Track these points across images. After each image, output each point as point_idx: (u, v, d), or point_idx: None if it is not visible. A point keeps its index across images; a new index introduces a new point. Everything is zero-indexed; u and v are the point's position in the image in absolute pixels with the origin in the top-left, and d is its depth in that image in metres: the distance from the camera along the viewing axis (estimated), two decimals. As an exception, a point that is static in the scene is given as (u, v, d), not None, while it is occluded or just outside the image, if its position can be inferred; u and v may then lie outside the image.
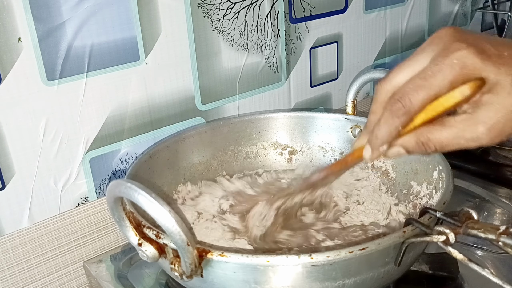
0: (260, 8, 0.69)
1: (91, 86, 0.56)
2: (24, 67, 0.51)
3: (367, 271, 0.41)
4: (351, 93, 0.67)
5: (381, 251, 0.39)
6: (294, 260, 0.37)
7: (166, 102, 0.63)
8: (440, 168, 0.53)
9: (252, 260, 0.38)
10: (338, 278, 0.39)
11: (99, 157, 0.59)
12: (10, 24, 0.49)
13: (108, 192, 0.38)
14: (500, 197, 0.69)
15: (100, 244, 0.62)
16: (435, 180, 0.54)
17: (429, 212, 0.41)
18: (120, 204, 0.40)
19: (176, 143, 0.62)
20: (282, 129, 0.69)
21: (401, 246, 0.39)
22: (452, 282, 0.52)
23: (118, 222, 0.41)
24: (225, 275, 0.40)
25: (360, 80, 0.66)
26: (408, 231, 0.39)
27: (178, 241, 0.36)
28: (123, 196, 0.37)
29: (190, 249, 0.37)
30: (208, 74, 0.67)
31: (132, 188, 0.35)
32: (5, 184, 0.53)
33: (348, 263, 0.39)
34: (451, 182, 0.49)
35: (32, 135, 0.53)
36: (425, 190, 0.56)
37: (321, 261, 0.37)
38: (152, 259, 0.41)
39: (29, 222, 0.56)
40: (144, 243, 0.41)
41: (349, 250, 0.37)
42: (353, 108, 0.68)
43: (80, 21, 0.53)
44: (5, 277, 0.55)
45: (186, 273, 0.38)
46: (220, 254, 0.38)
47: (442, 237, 0.36)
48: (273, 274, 0.39)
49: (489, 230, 0.34)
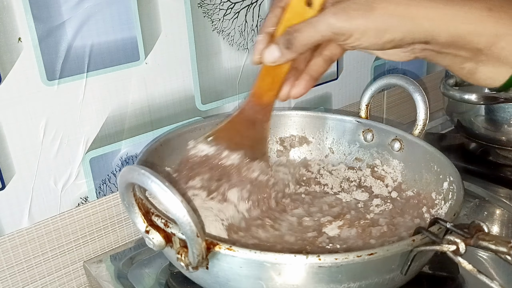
0: (260, 8, 0.69)
1: (91, 86, 0.56)
2: (24, 67, 0.51)
3: (373, 277, 0.41)
4: (366, 97, 0.67)
5: (389, 257, 0.39)
6: (301, 260, 0.38)
7: (166, 102, 0.63)
8: (451, 179, 0.52)
9: (259, 257, 0.38)
10: (343, 281, 0.40)
11: (99, 157, 0.59)
12: (10, 24, 0.49)
13: (121, 177, 0.38)
14: (500, 197, 0.69)
15: (100, 244, 0.62)
16: (445, 190, 0.53)
17: (439, 223, 0.41)
18: (131, 190, 0.39)
19: (188, 133, 0.61)
20: (293, 127, 0.69)
21: (410, 254, 0.40)
22: (452, 282, 0.52)
23: (127, 208, 0.41)
24: (231, 269, 0.40)
25: (376, 85, 0.67)
26: (417, 240, 0.39)
27: (187, 232, 0.36)
28: (136, 182, 0.36)
29: (199, 241, 0.37)
30: (208, 74, 0.67)
31: (146, 175, 0.35)
32: (5, 184, 0.53)
33: (355, 267, 0.39)
34: (462, 194, 0.49)
35: (32, 135, 0.53)
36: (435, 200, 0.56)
37: (328, 262, 0.38)
38: (158, 247, 0.41)
39: (29, 222, 0.56)
40: (151, 231, 0.41)
41: (357, 254, 0.38)
42: (367, 112, 0.68)
43: (80, 21, 0.53)
44: (5, 277, 0.55)
45: (192, 264, 0.38)
46: (228, 248, 0.38)
47: (453, 247, 0.37)
48: (279, 272, 0.39)
49: (500, 243, 0.35)
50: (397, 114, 0.98)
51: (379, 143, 0.65)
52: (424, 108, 0.61)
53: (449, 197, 0.52)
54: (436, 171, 0.56)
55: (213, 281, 0.42)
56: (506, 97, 0.70)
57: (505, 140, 0.76)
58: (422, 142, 0.59)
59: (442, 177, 0.54)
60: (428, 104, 0.62)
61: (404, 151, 0.62)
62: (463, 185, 0.50)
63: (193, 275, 0.43)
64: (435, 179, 0.56)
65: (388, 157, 0.64)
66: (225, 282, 0.41)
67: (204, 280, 0.43)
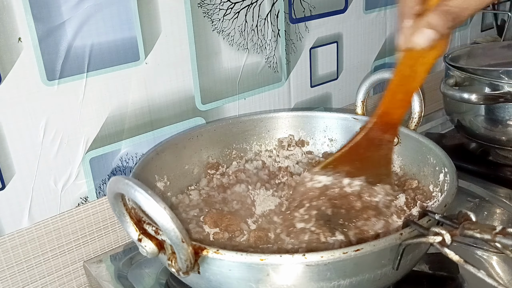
0: (260, 8, 0.69)
1: (91, 86, 0.56)
2: (24, 67, 0.51)
3: (363, 273, 0.40)
4: (361, 93, 0.67)
5: (377, 252, 0.39)
6: (288, 260, 0.38)
7: (166, 102, 0.63)
8: (446, 170, 0.52)
9: (246, 259, 0.38)
10: (333, 279, 0.39)
11: (99, 157, 0.59)
12: (10, 24, 0.49)
13: (108, 188, 0.39)
14: (500, 197, 0.69)
15: (100, 244, 0.62)
16: (441, 182, 0.54)
17: (428, 215, 0.41)
18: (121, 200, 0.40)
19: (185, 141, 0.62)
20: (290, 128, 0.69)
21: (399, 248, 0.39)
22: (452, 282, 0.52)
23: (119, 218, 0.41)
24: (221, 273, 0.40)
25: (370, 80, 0.66)
26: (405, 233, 0.39)
27: (173, 238, 0.37)
28: (121, 192, 0.38)
29: (184, 246, 0.37)
30: (208, 74, 0.67)
31: (129, 185, 0.36)
32: (5, 184, 0.53)
33: (343, 264, 0.39)
34: (454, 184, 0.49)
35: (32, 135, 0.53)
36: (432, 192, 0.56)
37: (314, 261, 0.38)
38: (152, 255, 0.41)
39: (29, 222, 0.56)
40: (144, 239, 0.41)
41: (343, 251, 0.37)
42: (363, 108, 0.67)
43: (80, 21, 0.53)
44: (5, 277, 0.55)
45: (182, 269, 0.39)
46: (215, 252, 0.38)
47: (438, 238, 0.36)
48: (268, 273, 0.39)
49: (485, 230, 0.34)
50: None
51: None
52: (419, 101, 0.61)
53: (445, 188, 0.52)
54: (432, 163, 0.56)
55: (207, 285, 0.42)
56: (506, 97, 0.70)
57: (505, 140, 0.75)
58: (418, 135, 0.60)
59: (438, 169, 0.54)
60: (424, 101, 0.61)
61: (401, 145, 0.62)
62: (456, 175, 0.50)
63: (188, 280, 0.43)
64: (432, 171, 0.56)
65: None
66: (218, 285, 0.41)
67: (199, 285, 0.44)
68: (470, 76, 0.75)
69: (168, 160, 0.59)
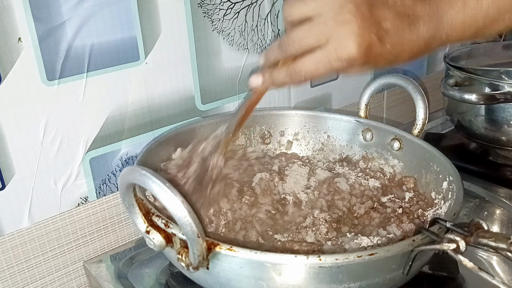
0: (260, 8, 0.69)
1: (91, 86, 0.56)
2: (24, 67, 0.51)
3: (373, 277, 0.41)
4: (365, 96, 0.67)
5: (390, 257, 0.39)
6: (302, 260, 0.38)
7: (166, 102, 0.63)
8: (451, 179, 0.52)
9: (260, 257, 0.38)
10: (344, 281, 0.40)
11: (99, 157, 0.59)
12: (10, 24, 0.49)
13: (121, 177, 0.38)
14: (500, 197, 0.69)
15: (100, 244, 0.62)
16: (445, 190, 0.54)
17: (439, 222, 0.41)
18: (132, 190, 0.39)
19: (187, 133, 0.62)
20: (292, 126, 0.69)
21: (410, 254, 0.40)
22: (452, 282, 0.52)
23: (128, 208, 0.41)
24: (232, 269, 0.40)
25: (376, 85, 0.67)
26: (417, 240, 0.40)
27: (188, 232, 0.36)
28: (136, 183, 0.37)
29: (200, 241, 0.37)
30: (208, 74, 0.67)
31: (147, 176, 0.35)
32: (5, 184, 0.53)
33: (356, 267, 0.39)
34: (461, 194, 0.49)
35: (32, 135, 0.53)
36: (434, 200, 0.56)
37: (329, 263, 0.38)
38: (159, 248, 0.41)
39: (29, 222, 0.56)
40: (152, 231, 0.41)
41: (358, 254, 0.38)
42: (366, 111, 0.68)
43: (80, 21, 0.53)
44: (5, 277, 0.55)
45: (193, 264, 0.39)
46: (229, 248, 0.38)
47: (453, 245, 0.37)
48: (280, 272, 0.39)
49: (500, 239, 0.35)
50: (397, 114, 0.98)
51: (378, 143, 0.65)
52: (424, 108, 0.61)
53: (449, 196, 0.52)
54: (436, 170, 0.56)
55: (214, 281, 0.42)
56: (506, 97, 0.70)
57: (505, 140, 0.76)
58: (422, 142, 0.59)
59: (442, 177, 0.54)
60: (428, 104, 0.61)
61: (403, 151, 0.62)
62: (462, 185, 0.50)
63: (194, 276, 0.43)
64: (434, 179, 0.56)
65: (388, 156, 0.64)
66: (226, 282, 0.41)
67: (205, 281, 0.43)
68: (470, 76, 0.75)
69: (170, 151, 0.59)
